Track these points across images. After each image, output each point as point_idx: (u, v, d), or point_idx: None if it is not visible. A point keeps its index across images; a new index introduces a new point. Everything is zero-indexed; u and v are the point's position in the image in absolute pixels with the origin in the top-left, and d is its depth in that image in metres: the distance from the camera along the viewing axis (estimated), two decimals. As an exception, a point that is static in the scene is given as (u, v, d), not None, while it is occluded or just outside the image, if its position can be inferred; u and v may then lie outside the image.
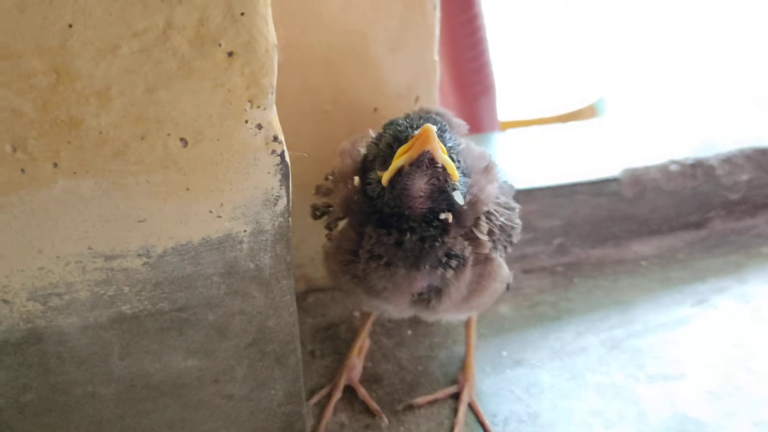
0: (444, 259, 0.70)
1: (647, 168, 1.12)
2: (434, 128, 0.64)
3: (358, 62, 0.90)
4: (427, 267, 0.70)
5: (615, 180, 1.11)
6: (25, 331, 0.64)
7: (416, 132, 0.65)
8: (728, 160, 1.17)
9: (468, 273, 0.72)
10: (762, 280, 1.11)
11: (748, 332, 1.01)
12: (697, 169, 1.15)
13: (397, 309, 0.79)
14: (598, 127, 1.27)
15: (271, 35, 0.59)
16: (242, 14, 0.57)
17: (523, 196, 1.05)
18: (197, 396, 0.73)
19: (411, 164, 0.65)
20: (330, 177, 0.79)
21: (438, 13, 0.91)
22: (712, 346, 0.99)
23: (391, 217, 0.69)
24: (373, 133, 0.75)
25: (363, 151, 0.74)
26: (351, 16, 0.87)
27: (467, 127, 0.85)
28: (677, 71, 2.03)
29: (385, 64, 0.91)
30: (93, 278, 0.63)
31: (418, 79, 0.94)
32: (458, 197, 0.68)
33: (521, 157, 1.15)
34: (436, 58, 0.93)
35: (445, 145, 0.67)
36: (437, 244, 0.69)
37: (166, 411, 0.72)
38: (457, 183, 0.68)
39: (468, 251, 0.71)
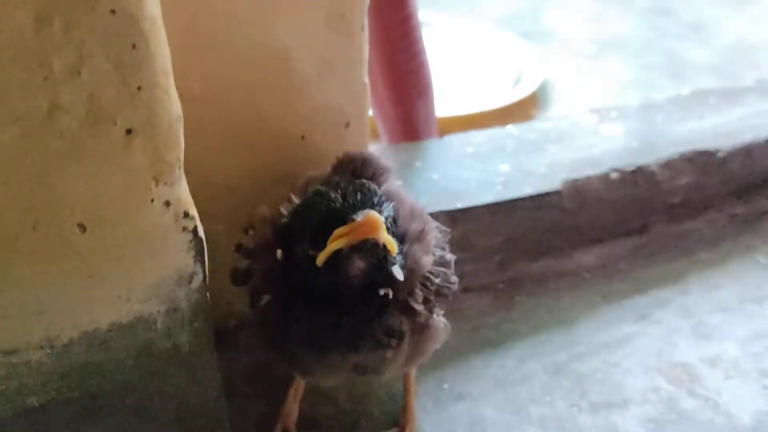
0: (384, 339, 0.65)
1: (588, 178, 1.10)
2: (381, 219, 0.59)
3: (281, 89, 0.84)
4: (365, 348, 0.65)
5: (556, 193, 1.07)
6: None
7: (356, 216, 0.60)
8: (669, 164, 1.15)
9: (406, 345, 0.68)
10: (703, 290, 1.10)
11: (691, 350, 1.00)
12: (638, 175, 1.13)
13: (329, 383, 0.75)
14: (537, 129, 1.23)
15: (175, 107, 0.53)
16: (139, 88, 0.51)
17: (462, 214, 1.02)
18: (118, 479, 0.67)
19: (351, 247, 0.60)
20: (250, 232, 0.73)
21: (366, 34, 0.85)
22: (655, 367, 0.97)
23: (323, 295, 0.64)
24: (295, 199, 0.69)
25: (285, 218, 0.68)
26: (271, 42, 0.81)
27: (391, 170, 0.80)
28: (618, 56, 2.01)
29: (310, 89, 0.85)
30: (-10, 375, 0.57)
31: (348, 103, 0.88)
32: (397, 272, 0.64)
33: (459, 168, 1.11)
34: (366, 80, 0.87)
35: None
36: (375, 324, 0.65)
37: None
38: (395, 257, 0.63)
39: (406, 326, 0.67)
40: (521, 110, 1.68)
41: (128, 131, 0.51)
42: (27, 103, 0.48)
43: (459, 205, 1.02)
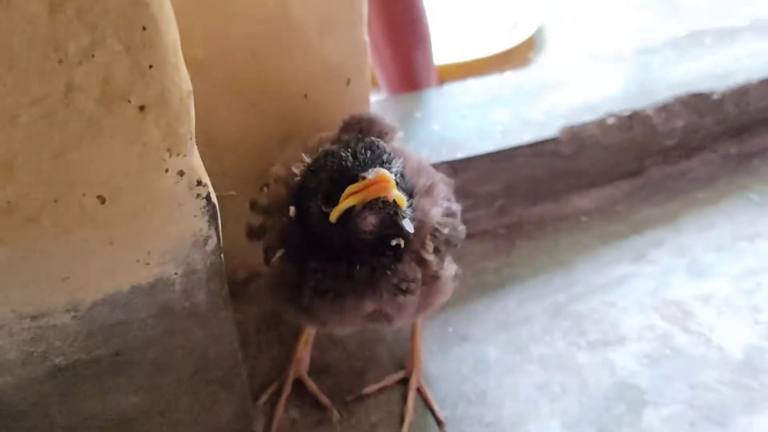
0: (397, 287, 0.69)
1: (585, 124, 1.12)
2: (391, 176, 0.62)
3: (283, 49, 0.86)
4: (381, 295, 0.69)
5: (553, 140, 1.10)
6: (-44, 396, 0.62)
7: (367, 174, 0.63)
8: (664, 107, 1.17)
9: (417, 294, 0.71)
10: (697, 229, 1.13)
11: (685, 288, 1.04)
12: (634, 120, 1.15)
13: (343, 332, 0.79)
14: (534, 76, 1.24)
15: (185, 83, 0.55)
16: (150, 66, 0.53)
17: (463, 164, 1.05)
18: (144, 427, 0.72)
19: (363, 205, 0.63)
20: (264, 189, 0.76)
21: (365, -9, 0.86)
22: (650, 305, 1.02)
23: (337, 249, 0.68)
24: (306, 158, 0.72)
25: (298, 177, 0.71)
26: (271, 2, 0.82)
27: (400, 130, 0.82)
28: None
29: (312, 49, 0.87)
30: (21, 338, 0.61)
31: (349, 61, 0.90)
32: (408, 225, 0.67)
33: (458, 117, 1.13)
34: (366, 38, 0.89)
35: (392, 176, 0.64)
36: (389, 272, 0.68)
37: (113, 445, 0.72)
38: (405, 210, 0.66)
39: (419, 274, 0.70)
40: (518, 55, 1.68)
41: (141, 108, 0.53)
42: (44, 86, 0.50)
43: (459, 155, 1.04)
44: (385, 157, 0.67)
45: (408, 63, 1.29)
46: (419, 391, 0.90)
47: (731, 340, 0.97)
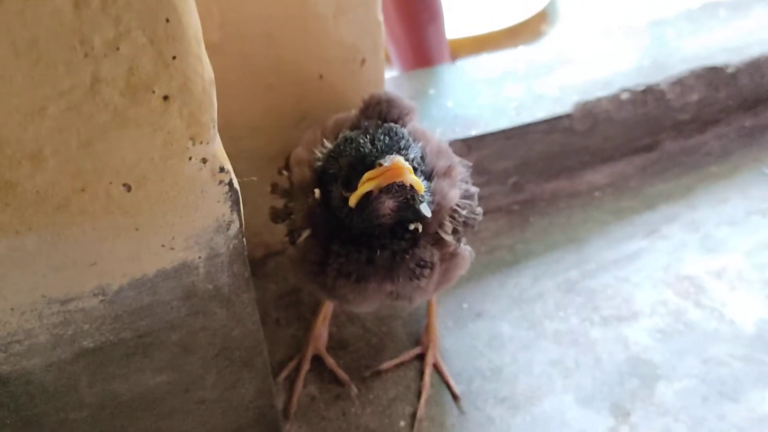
0: (417, 270, 0.70)
1: (598, 99, 1.12)
2: (406, 164, 0.63)
3: (298, 31, 0.86)
4: (400, 279, 0.70)
5: (567, 116, 1.10)
6: (-10, 378, 0.64)
7: (384, 161, 0.64)
8: (679, 82, 1.17)
9: (436, 273, 0.73)
10: (711, 204, 1.14)
11: (697, 263, 1.05)
12: (648, 95, 1.15)
13: (364, 309, 0.80)
14: (547, 51, 1.24)
15: (207, 72, 0.56)
16: (174, 58, 0.53)
17: (477, 141, 1.05)
18: (169, 405, 0.74)
19: (380, 189, 0.65)
20: (284, 172, 0.77)
21: (380, -29, 0.86)
22: (663, 280, 1.03)
23: (358, 232, 0.69)
24: (327, 144, 0.73)
25: (320, 161, 0.72)
26: (287, -16, 0.82)
27: (416, 109, 0.83)
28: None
29: (327, 30, 0.87)
30: (51, 322, 0.62)
31: (363, 41, 0.90)
32: (425, 209, 0.68)
33: (472, 94, 1.13)
34: (380, 17, 0.89)
35: (408, 161, 0.65)
36: (407, 256, 0.70)
37: (139, 423, 0.74)
38: (423, 195, 0.67)
39: (436, 256, 0.72)
40: (531, 28, 1.67)
41: (165, 98, 0.54)
42: (71, 79, 0.51)
43: (474, 133, 1.05)
44: (402, 143, 0.69)
45: (421, 39, 1.29)
46: (435, 367, 0.92)
47: (743, 315, 0.98)
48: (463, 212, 0.74)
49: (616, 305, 0.99)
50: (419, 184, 0.66)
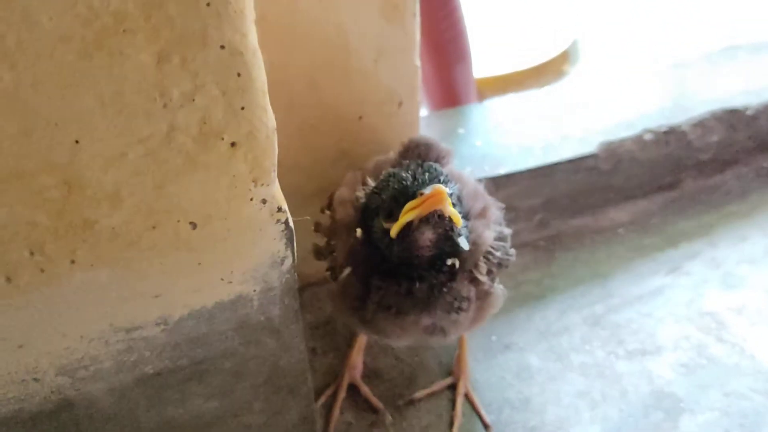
0: (454, 303, 0.74)
1: (623, 140, 1.16)
2: (446, 191, 0.67)
3: (341, 75, 0.91)
4: (438, 312, 0.74)
5: (592, 156, 1.14)
6: (57, 401, 0.68)
7: (425, 190, 0.68)
8: (700, 123, 1.21)
9: (472, 311, 0.76)
10: (731, 242, 1.17)
11: (719, 299, 1.08)
12: (670, 135, 1.19)
13: (402, 343, 0.84)
14: (571, 90, 1.29)
15: (271, 121, 0.61)
16: (242, 108, 0.58)
17: (505, 180, 1.10)
18: (219, 430, 0.78)
19: (420, 219, 0.69)
20: (327, 212, 0.82)
21: (418, 20, 0.91)
22: (686, 316, 1.06)
23: (399, 265, 0.73)
24: (371, 182, 0.78)
25: (362, 199, 0.77)
26: (331, 32, 0.87)
27: (452, 153, 0.87)
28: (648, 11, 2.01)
29: (368, 75, 0.92)
30: (116, 349, 0.67)
31: (401, 85, 0.95)
32: (463, 243, 0.72)
33: (500, 133, 1.18)
34: (418, 63, 0.94)
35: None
36: (445, 289, 0.74)
37: (191, 446, 0.78)
38: (460, 228, 0.71)
39: (473, 293, 0.75)
40: (554, 67, 1.72)
41: (233, 144, 0.59)
42: (150, 127, 0.56)
43: (502, 171, 1.09)
44: (441, 178, 0.73)
45: (449, 79, 1.34)
46: (467, 397, 0.95)
47: (764, 350, 1.01)
48: (497, 253, 0.78)
49: (640, 339, 1.03)
50: (457, 216, 0.70)
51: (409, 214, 0.69)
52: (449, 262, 0.74)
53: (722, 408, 0.94)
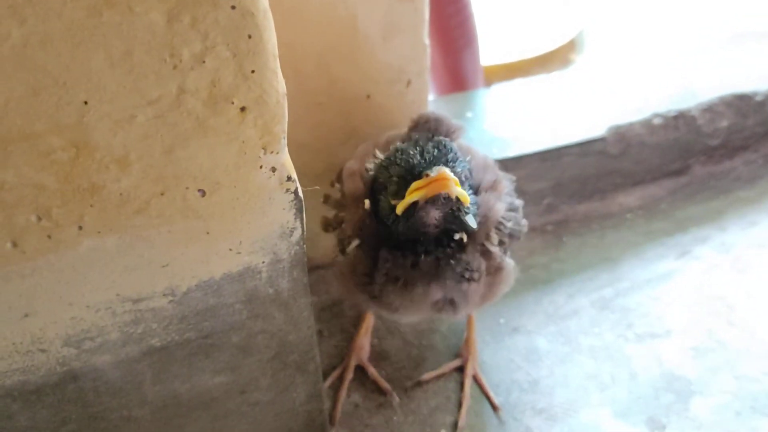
0: (466, 273, 0.73)
1: (631, 124, 1.15)
2: (451, 176, 0.66)
3: (349, 53, 0.90)
4: (446, 282, 0.73)
5: (601, 139, 1.13)
6: (62, 373, 0.67)
7: (431, 172, 0.67)
8: (709, 108, 1.20)
9: (482, 284, 0.76)
10: (740, 226, 1.17)
11: (729, 284, 1.07)
12: (679, 120, 1.18)
13: (411, 318, 0.83)
14: (580, 75, 1.28)
15: (281, 86, 0.60)
16: (253, 72, 0.57)
17: (513, 163, 1.09)
18: (226, 406, 0.77)
19: (426, 200, 0.68)
20: (336, 185, 0.81)
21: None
22: (695, 300, 1.05)
23: (405, 240, 0.72)
24: (380, 154, 0.77)
25: (372, 171, 0.76)
26: (340, 9, 0.87)
27: (463, 128, 0.86)
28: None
29: (376, 53, 0.91)
30: (122, 320, 0.66)
31: (410, 64, 0.94)
32: (471, 221, 0.71)
33: (508, 117, 1.17)
34: (427, 41, 0.93)
35: (455, 174, 0.69)
36: (453, 261, 0.73)
37: (197, 423, 0.77)
38: (468, 207, 0.70)
39: (483, 265, 0.75)
40: (560, 56, 1.72)
41: (242, 109, 0.58)
42: (159, 89, 0.55)
43: (510, 154, 1.09)
44: (450, 156, 0.72)
45: (457, 64, 1.33)
46: (475, 378, 0.94)
47: (773, 334, 1.00)
48: (509, 224, 0.77)
49: (649, 323, 1.02)
50: (465, 195, 0.69)
51: (414, 194, 0.69)
52: (457, 236, 0.73)
53: (733, 391, 0.93)
